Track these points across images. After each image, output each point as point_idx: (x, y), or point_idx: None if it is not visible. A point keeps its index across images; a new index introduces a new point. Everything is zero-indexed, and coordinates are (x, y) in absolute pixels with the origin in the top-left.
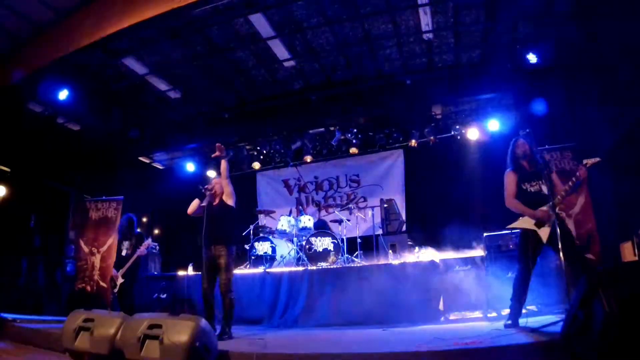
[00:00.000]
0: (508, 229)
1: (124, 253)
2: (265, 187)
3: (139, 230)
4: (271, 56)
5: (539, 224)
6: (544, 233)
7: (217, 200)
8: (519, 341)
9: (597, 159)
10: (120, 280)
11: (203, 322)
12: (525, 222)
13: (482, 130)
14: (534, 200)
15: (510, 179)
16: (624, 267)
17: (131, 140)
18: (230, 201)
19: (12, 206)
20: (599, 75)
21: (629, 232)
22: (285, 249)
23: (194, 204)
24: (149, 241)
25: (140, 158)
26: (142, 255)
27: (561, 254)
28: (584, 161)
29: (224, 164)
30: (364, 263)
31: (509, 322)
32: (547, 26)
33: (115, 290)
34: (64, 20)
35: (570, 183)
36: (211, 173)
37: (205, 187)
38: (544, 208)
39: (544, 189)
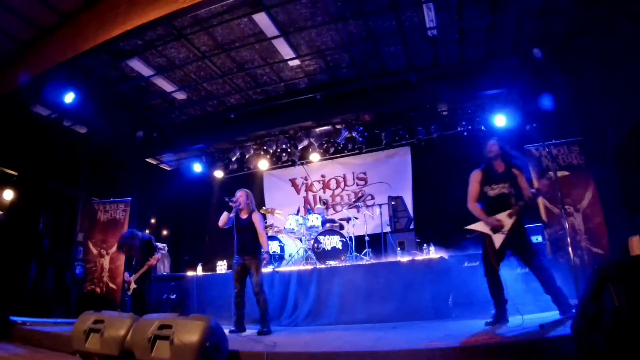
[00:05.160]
0: (466, 230)
1: (133, 261)
2: (273, 186)
3: (147, 232)
4: (276, 55)
5: (494, 229)
6: (497, 239)
7: (244, 214)
8: (529, 337)
9: (566, 173)
10: (133, 286)
11: (213, 321)
12: (482, 226)
13: (488, 126)
14: (493, 204)
15: (473, 180)
16: (633, 261)
17: (138, 141)
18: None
19: (20, 209)
20: (605, 69)
21: (637, 226)
22: (293, 247)
23: (224, 217)
24: (158, 255)
25: (148, 159)
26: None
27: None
28: (550, 173)
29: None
30: (373, 261)
31: (490, 320)
32: (551, 20)
33: (129, 292)
34: (68, 23)
35: (531, 196)
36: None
37: (232, 199)
38: (499, 216)
39: (511, 190)
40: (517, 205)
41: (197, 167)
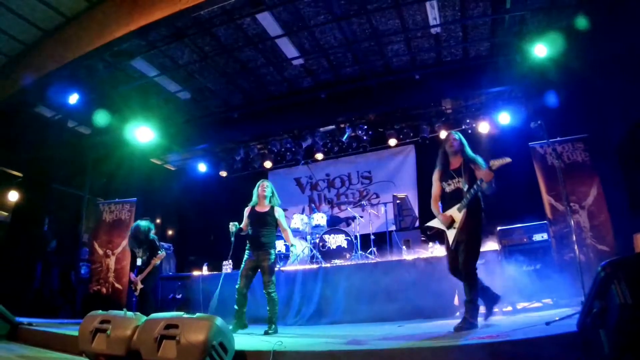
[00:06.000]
0: (426, 227)
1: (139, 262)
2: (277, 186)
3: (153, 234)
4: (279, 55)
5: (447, 225)
6: (450, 235)
7: (262, 207)
8: (535, 334)
9: (507, 160)
10: (140, 286)
11: (219, 320)
12: (438, 222)
13: (493, 123)
14: (449, 200)
15: (434, 180)
16: (638, 258)
17: (143, 142)
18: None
19: (25, 211)
20: (610, 66)
21: None
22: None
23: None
24: (162, 254)
25: (153, 159)
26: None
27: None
28: (491, 162)
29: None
30: (378, 259)
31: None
32: (555, 17)
33: (136, 293)
34: (72, 24)
35: (474, 186)
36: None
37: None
38: (450, 211)
39: (466, 185)
40: (465, 198)
41: (202, 167)
